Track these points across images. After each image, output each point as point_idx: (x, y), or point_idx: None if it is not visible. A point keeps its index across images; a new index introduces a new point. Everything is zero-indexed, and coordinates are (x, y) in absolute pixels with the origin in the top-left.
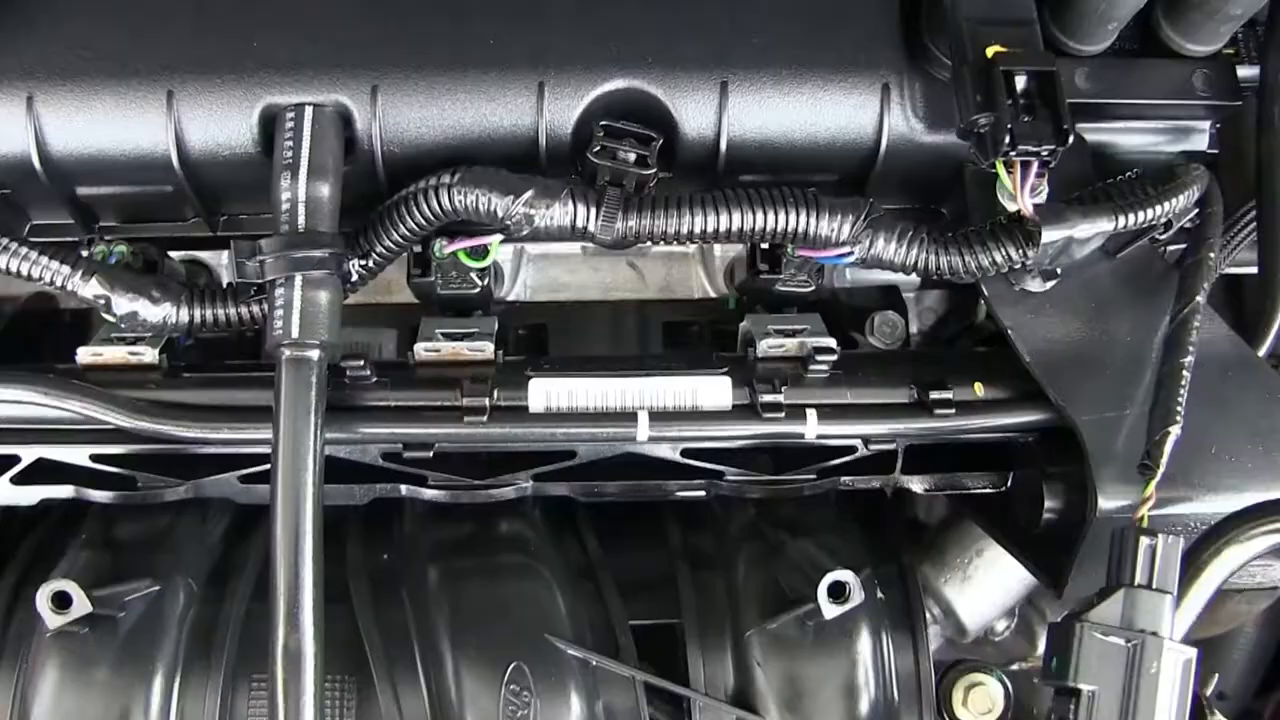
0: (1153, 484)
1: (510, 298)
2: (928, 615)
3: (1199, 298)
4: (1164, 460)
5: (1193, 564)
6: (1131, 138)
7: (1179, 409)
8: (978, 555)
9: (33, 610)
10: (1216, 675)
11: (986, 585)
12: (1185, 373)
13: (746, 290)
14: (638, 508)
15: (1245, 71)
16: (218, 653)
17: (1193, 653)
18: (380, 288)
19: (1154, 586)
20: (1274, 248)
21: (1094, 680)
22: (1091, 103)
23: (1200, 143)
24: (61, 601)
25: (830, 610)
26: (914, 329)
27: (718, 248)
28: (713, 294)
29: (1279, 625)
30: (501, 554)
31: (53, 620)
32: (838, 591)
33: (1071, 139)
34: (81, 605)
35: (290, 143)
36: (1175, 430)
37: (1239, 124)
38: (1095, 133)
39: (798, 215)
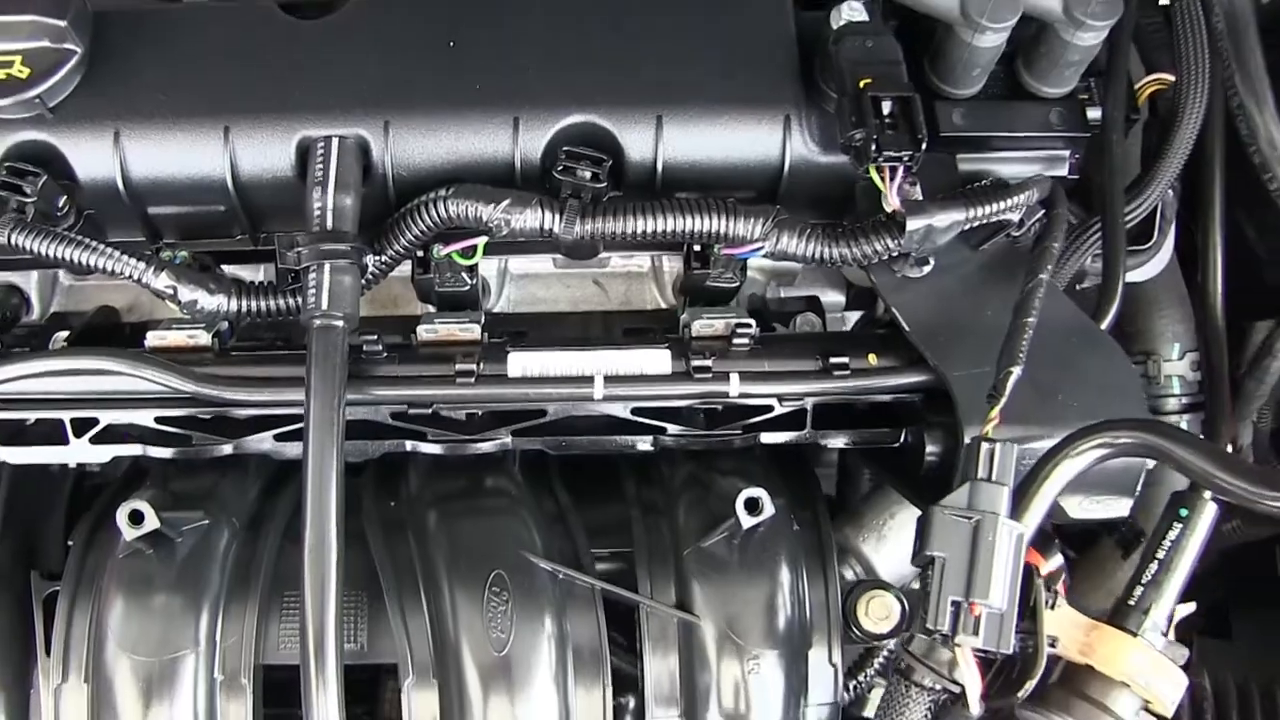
0: (997, 408)
1: (496, 310)
2: (849, 573)
3: (1043, 275)
4: (1007, 391)
5: (1036, 475)
6: (1004, 167)
7: (1020, 354)
8: (891, 518)
9: (107, 541)
10: (1065, 572)
11: (899, 543)
12: (1028, 330)
13: (686, 289)
14: (600, 468)
15: (1095, 113)
16: (255, 580)
17: (1023, 528)
18: (388, 302)
19: (993, 479)
20: (1114, 246)
21: (945, 549)
22: (967, 136)
23: (1062, 169)
24: (136, 518)
25: (746, 520)
26: None
27: (667, 267)
28: (664, 305)
29: None
30: (488, 501)
31: (129, 533)
32: (753, 505)
33: (925, 146)
34: (151, 522)
35: (320, 165)
36: (1016, 370)
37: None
38: (973, 163)
39: (719, 219)
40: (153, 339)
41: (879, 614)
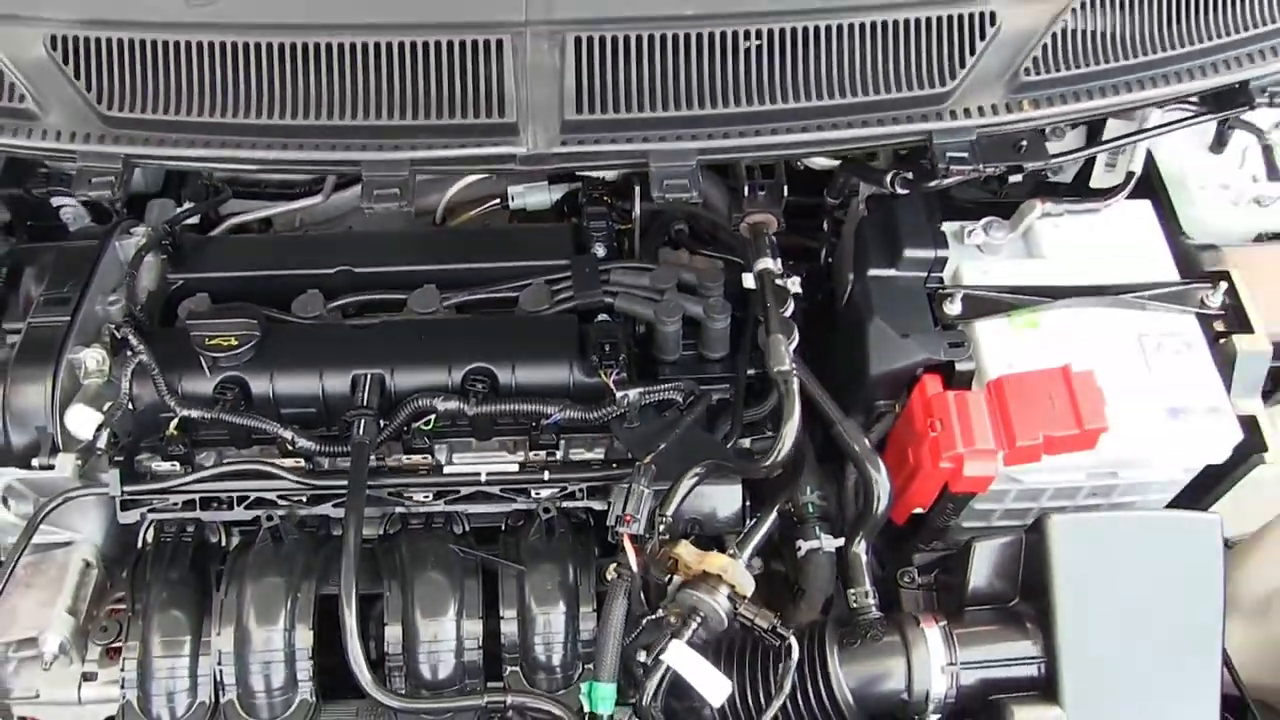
0: (650, 456)
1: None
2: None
3: (688, 419)
4: (657, 450)
5: (672, 487)
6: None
7: (664, 444)
8: None
9: (247, 550)
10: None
11: None
12: (674, 438)
13: (531, 445)
14: (488, 531)
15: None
16: (313, 573)
17: (652, 495)
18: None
19: (640, 476)
20: (735, 423)
21: (617, 500)
22: (673, 378)
23: (725, 394)
24: (270, 518)
25: (543, 515)
26: None
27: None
28: None
29: None
30: (433, 537)
31: (266, 524)
32: (546, 510)
33: (626, 360)
34: (275, 520)
35: (363, 386)
36: (664, 444)
37: None
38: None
39: (539, 404)
40: (278, 462)
41: (613, 574)
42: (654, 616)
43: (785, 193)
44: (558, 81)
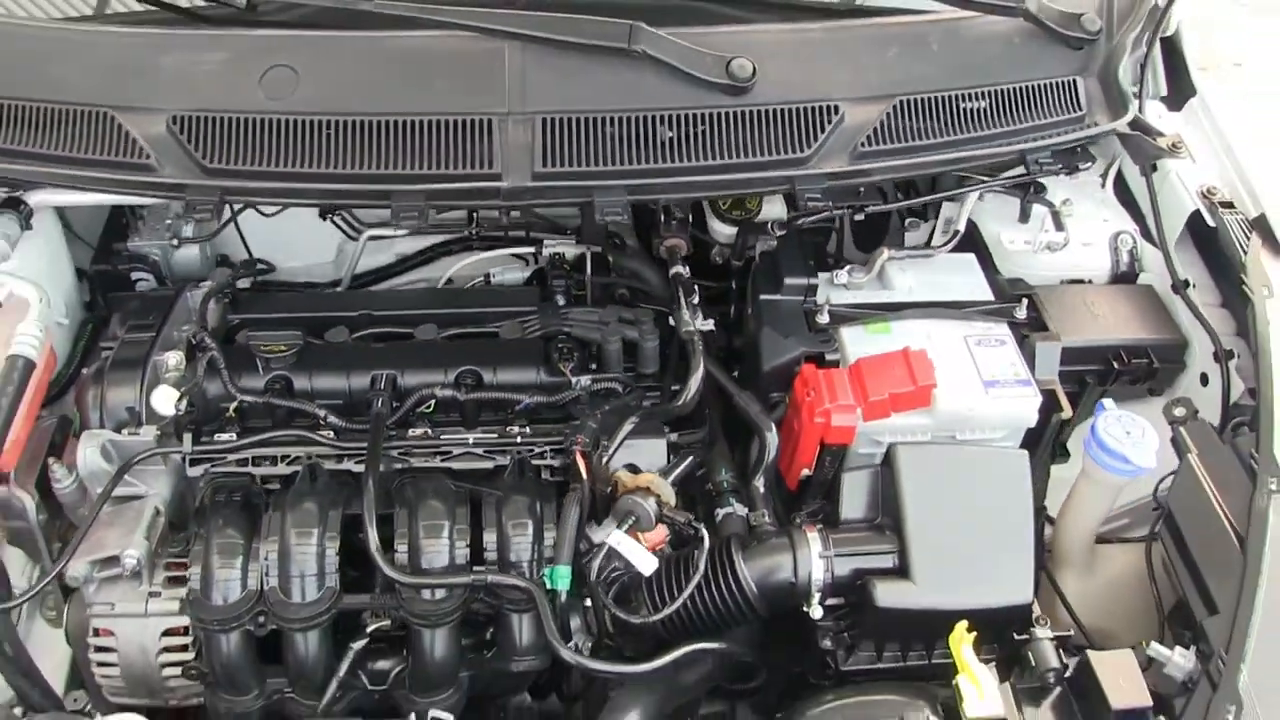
0: (598, 411)
1: None
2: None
3: (627, 399)
4: (594, 421)
5: (615, 430)
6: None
7: (594, 422)
8: None
9: (288, 491)
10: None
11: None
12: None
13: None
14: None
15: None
16: (340, 502)
17: (596, 426)
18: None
19: (587, 429)
20: (664, 408)
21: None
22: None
23: (655, 400)
24: (310, 459)
25: (516, 456)
26: None
27: None
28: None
29: None
30: (433, 480)
31: (304, 470)
32: (516, 455)
33: (578, 357)
34: (313, 464)
35: (380, 382)
36: (606, 408)
37: None
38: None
39: (514, 393)
40: (315, 435)
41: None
42: (601, 544)
43: (690, 221)
44: (529, 148)
